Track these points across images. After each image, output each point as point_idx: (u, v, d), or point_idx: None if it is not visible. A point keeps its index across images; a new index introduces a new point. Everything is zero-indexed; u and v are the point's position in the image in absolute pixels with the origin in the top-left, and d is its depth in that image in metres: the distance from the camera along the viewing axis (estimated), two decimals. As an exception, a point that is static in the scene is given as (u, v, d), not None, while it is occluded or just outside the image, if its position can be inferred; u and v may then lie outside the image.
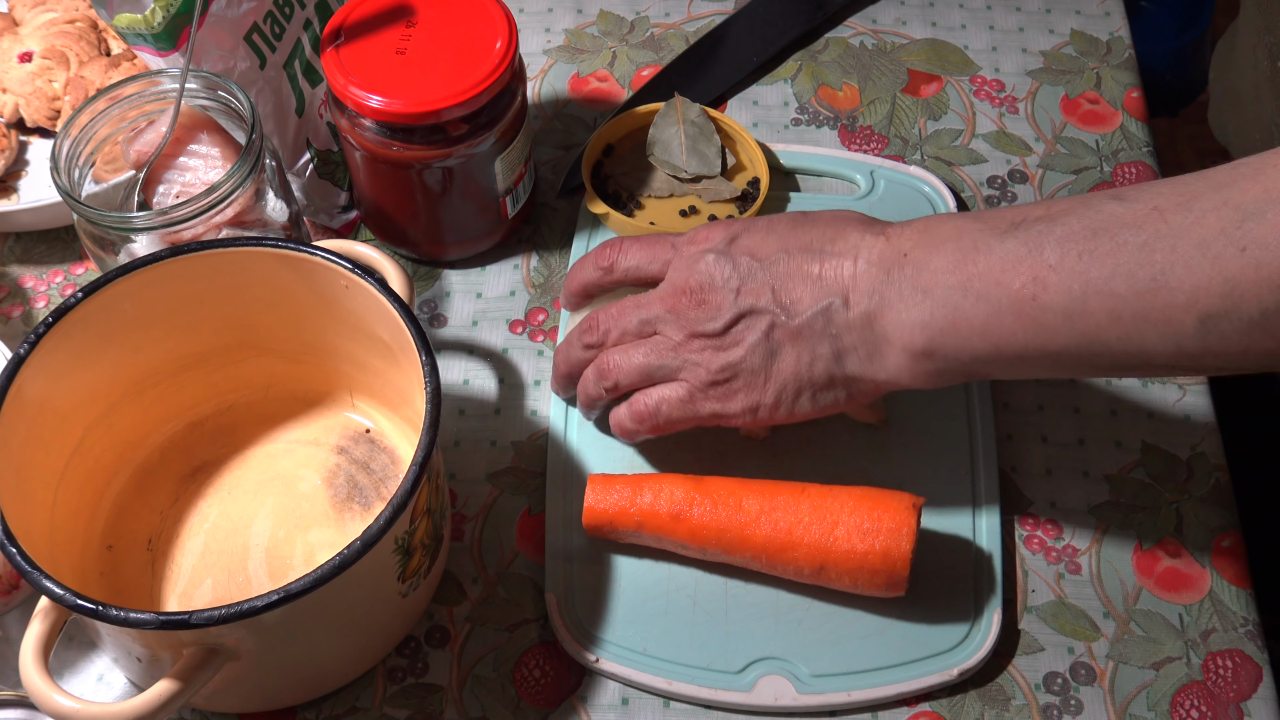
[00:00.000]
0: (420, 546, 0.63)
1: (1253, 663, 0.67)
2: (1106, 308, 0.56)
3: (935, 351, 0.61)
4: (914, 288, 0.61)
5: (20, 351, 0.62)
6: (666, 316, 0.66)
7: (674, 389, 0.67)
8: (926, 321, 0.60)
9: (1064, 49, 0.93)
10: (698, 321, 0.65)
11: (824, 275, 0.63)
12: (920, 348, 0.61)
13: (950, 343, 0.60)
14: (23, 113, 0.87)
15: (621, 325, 0.68)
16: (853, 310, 0.62)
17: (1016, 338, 0.59)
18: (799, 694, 0.66)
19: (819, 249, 0.64)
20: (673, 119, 0.84)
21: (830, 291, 0.63)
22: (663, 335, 0.67)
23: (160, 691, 0.56)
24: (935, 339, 0.60)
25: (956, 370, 0.62)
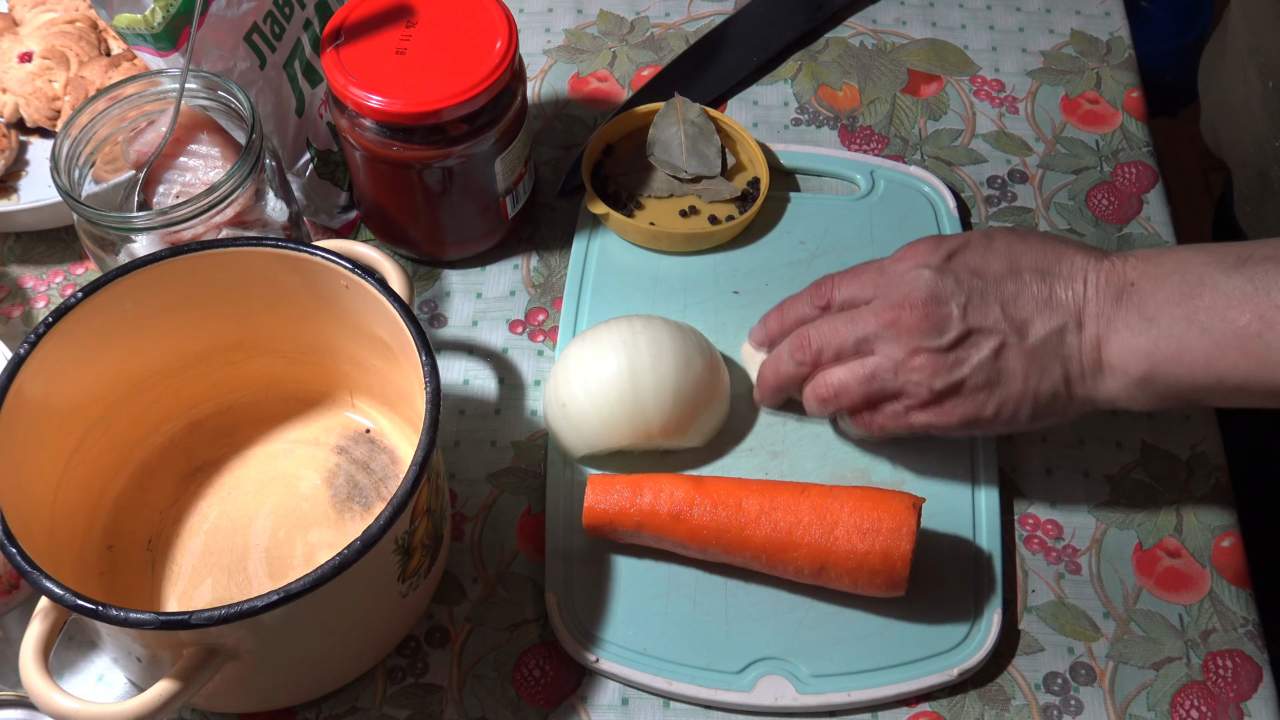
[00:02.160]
0: (420, 546, 0.63)
1: (1253, 663, 0.67)
2: None
3: (1156, 379, 0.62)
4: (1140, 316, 0.62)
5: (20, 351, 0.62)
6: (885, 333, 0.66)
7: (892, 406, 0.67)
8: (1150, 350, 0.62)
9: (1064, 49, 0.93)
10: (922, 337, 0.65)
11: (1054, 297, 0.64)
12: (1141, 374, 0.63)
13: (1172, 371, 0.62)
14: (23, 113, 0.87)
15: (836, 344, 0.68)
16: (1085, 333, 0.64)
17: (1239, 371, 0.60)
18: (799, 694, 0.66)
19: (1045, 270, 0.65)
20: (673, 119, 0.84)
21: (1063, 314, 0.64)
22: (881, 354, 0.66)
23: (160, 691, 0.56)
24: (1158, 367, 0.62)
25: (1174, 397, 0.63)
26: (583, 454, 0.72)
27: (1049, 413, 0.66)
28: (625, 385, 0.69)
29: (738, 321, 0.79)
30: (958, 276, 0.65)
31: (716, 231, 0.80)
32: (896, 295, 0.66)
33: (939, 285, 0.65)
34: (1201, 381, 0.62)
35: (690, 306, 0.79)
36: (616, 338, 0.71)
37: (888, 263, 0.68)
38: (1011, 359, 0.64)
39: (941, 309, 0.65)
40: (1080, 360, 0.64)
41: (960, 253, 0.66)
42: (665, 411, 0.70)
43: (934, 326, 0.65)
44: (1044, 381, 0.64)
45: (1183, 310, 0.61)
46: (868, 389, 0.67)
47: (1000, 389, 0.65)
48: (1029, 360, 0.64)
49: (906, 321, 0.65)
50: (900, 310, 0.66)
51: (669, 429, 0.70)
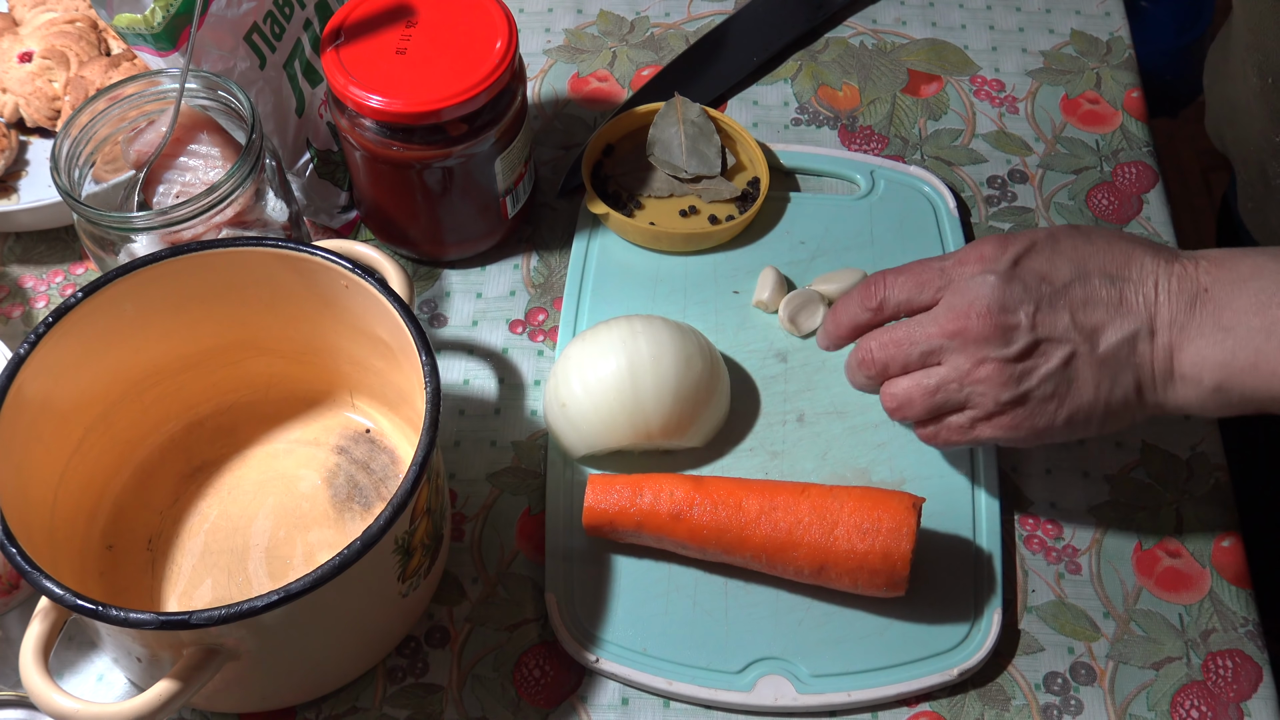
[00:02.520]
0: (420, 546, 0.63)
1: (1253, 663, 0.67)
2: None
3: (1231, 389, 0.61)
4: (1216, 325, 0.61)
5: (20, 351, 0.62)
6: (950, 345, 0.64)
7: (958, 419, 0.65)
8: (1227, 361, 0.61)
9: (1064, 49, 0.93)
10: (989, 347, 0.63)
11: (1125, 302, 0.62)
12: (1215, 384, 0.61)
13: (1249, 382, 0.61)
14: (23, 113, 0.87)
15: (902, 359, 0.66)
16: (1157, 341, 0.62)
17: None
18: (799, 694, 0.66)
19: (1114, 273, 0.63)
20: (673, 119, 0.84)
21: (1134, 320, 0.62)
22: (948, 365, 0.64)
23: (160, 691, 0.56)
24: (1233, 377, 0.61)
25: (1249, 405, 0.62)
26: (583, 454, 0.72)
27: (1118, 420, 0.64)
28: (625, 385, 0.69)
29: (737, 321, 0.79)
30: (1025, 282, 0.63)
31: (716, 231, 0.80)
32: (961, 303, 0.64)
33: (1006, 293, 0.63)
34: (1279, 392, 0.60)
35: (690, 306, 0.79)
36: (616, 338, 0.71)
37: (949, 265, 0.66)
38: (1082, 368, 0.62)
39: (1009, 318, 0.63)
40: (1152, 368, 0.62)
41: (1026, 256, 0.64)
42: (665, 411, 0.70)
43: (1002, 336, 0.63)
44: (1115, 390, 0.63)
45: (1261, 321, 0.60)
46: (932, 401, 0.65)
47: (1070, 399, 0.63)
48: (1100, 369, 0.62)
49: (973, 331, 0.63)
50: (966, 319, 0.63)
51: (669, 429, 0.70)
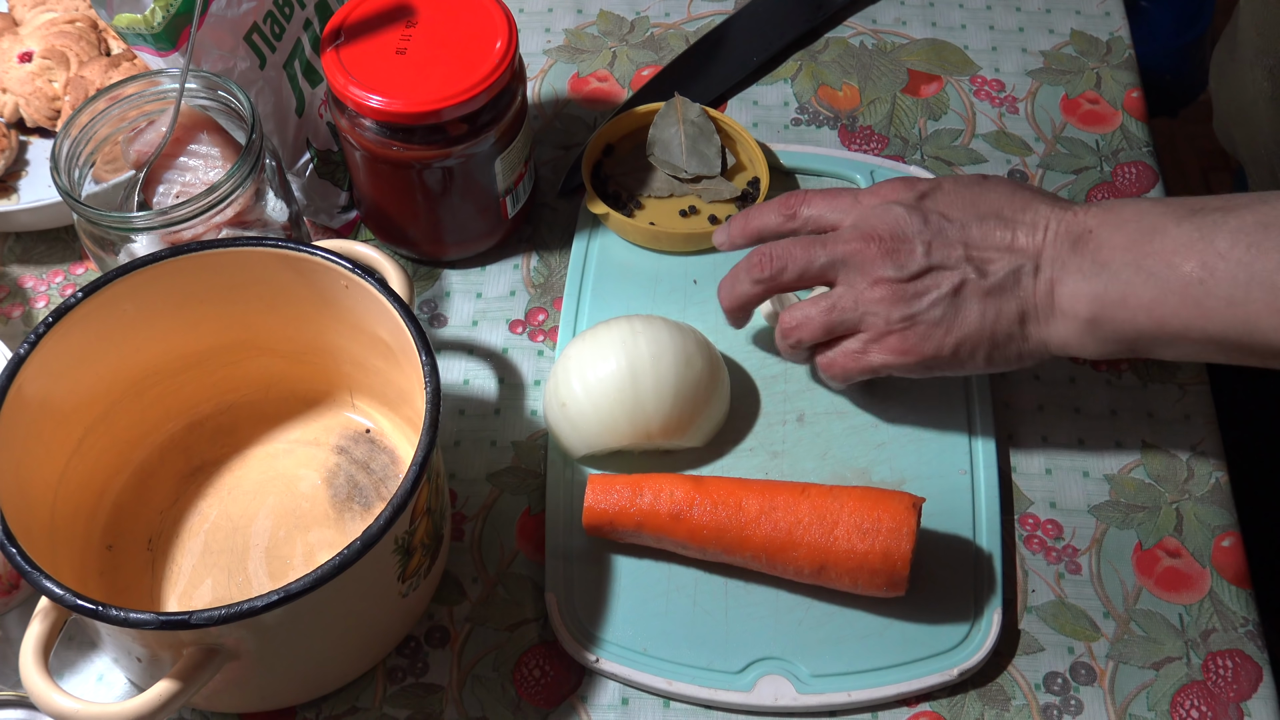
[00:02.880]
0: (420, 546, 0.63)
1: (1253, 663, 0.67)
2: (1267, 299, 0.60)
3: (1102, 322, 0.64)
4: (1094, 262, 0.64)
5: (20, 351, 0.62)
6: (849, 261, 0.68)
7: (850, 343, 0.69)
8: (1100, 294, 0.64)
9: (1064, 49, 0.93)
10: (884, 267, 0.67)
11: (1016, 242, 0.66)
12: (1088, 317, 0.64)
13: (1118, 315, 0.64)
14: (23, 113, 0.87)
15: (800, 264, 0.69)
16: (1040, 276, 0.66)
17: (1179, 318, 0.62)
18: (799, 694, 0.66)
19: (1010, 217, 0.67)
20: (673, 119, 0.84)
21: (1021, 257, 0.66)
22: (843, 283, 0.68)
23: (160, 691, 0.56)
24: (1104, 310, 0.64)
25: (1119, 342, 0.65)
26: (583, 454, 0.72)
27: (1004, 356, 0.67)
28: (625, 385, 0.69)
29: (738, 321, 0.79)
30: (926, 215, 0.67)
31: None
32: (866, 225, 0.68)
33: (907, 221, 0.67)
34: (1145, 327, 0.63)
35: (690, 306, 0.79)
36: (616, 338, 0.71)
37: (862, 194, 0.70)
38: (970, 297, 0.66)
39: (906, 244, 0.67)
40: (1035, 302, 0.66)
41: (931, 195, 0.68)
42: (665, 411, 0.70)
43: (897, 259, 0.66)
44: (1000, 321, 0.66)
45: (1132, 256, 0.63)
46: (828, 319, 0.68)
47: (958, 327, 0.66)
48: (986, 299, 0.66)
49: (871, 252, 0.67)
50: (867, 241, 0.67)
51: (669, 429, 0.70)
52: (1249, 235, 0.60)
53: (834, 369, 0.70)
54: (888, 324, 0.67)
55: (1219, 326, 0.61)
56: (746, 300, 0.71)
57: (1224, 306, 0.61)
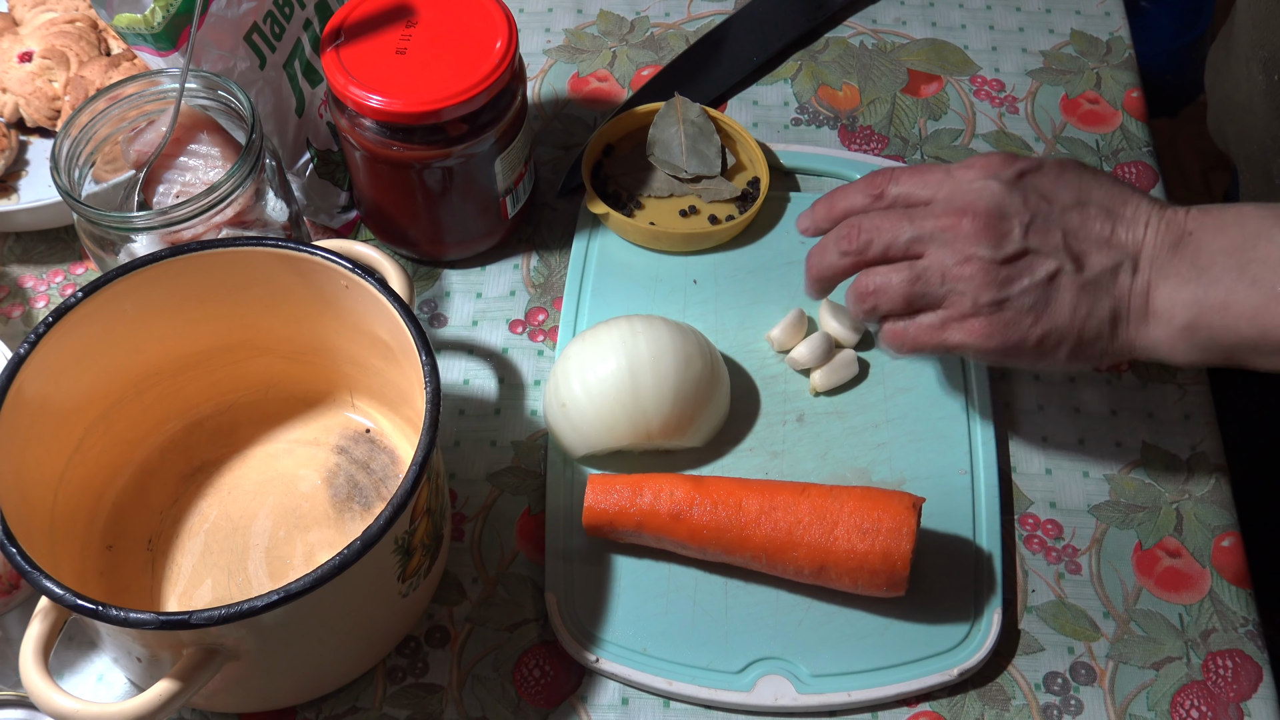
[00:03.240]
0: (420, 546, 0.63)
1: (1253, 663, 0.67)
2: None
3: (1200, 329, 0.62)
4: (1193, 265, 0.62)
5: (20, 351, 0.62)
6: (941, 236, 0.65)
7: (929, 317, 0.66)
8: (1199, 299, 0.61)
9: (1064, 49, 0.93)
10: (978, 246, 0.64)
11: (1115, 237, 0.64)
12: (1186, 322, 0.62)
13: (1217, 322, 0.61)
14: (23, 113, 0.87)
15: (887, 238, 0.66)
16: (1139, 276, 0.63)
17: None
18: (799, 694, 0.66)
19: (1110, 208, 0.64)
20: (673, 119, 0.84)
21: (1121, 254, 0.63)
22: (931, 257, 0.65)
23: (160, 691, 0.56)
24: (1203, 316, 0.61)
25: (1215, 350, 0.62)
26: (583, 454, 0.72)
27: (1087, 354, 0.64)
28: (625, 385, 0.69)
29: (738, 321, 0.79)
30: (1026, 195, 0.64)
31: (716, 231, 0.80)
32: (960, 200, 0.64)
33: (1006, 199, 0.64)
34: (1246, 336, 0.61)
35: (690, 306, 0.79)
36: (616, 338, 0.71)
37: (955, 168, 0.67)
38: (1065, 287, 0.63)
39: (1004, 223, 0.64)
40: (1129, 302, 0.63)
41: (1032, 174, 0.65)
42: (665, 411, 0.70)
43: (993, 238, 0.63)
44: (1091, 318, 0.63)
45: (1235, 262, 0.61)
46: (910, 290, 0.65)
47: (1047, 317, 0.63)
48: (1080, 293, 0.63)
49: (966, 228, 0.64)
50: (962, 216, 0.64)
51: (669, 429, 0.70)
52: None
53: (904, 340, 0.67)
54: (974, 305, 0.64)
55: None
56: (834, 272, 0.69)
57: None
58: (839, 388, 0.76)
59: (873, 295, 0.67)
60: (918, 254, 0.65)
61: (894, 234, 0.66)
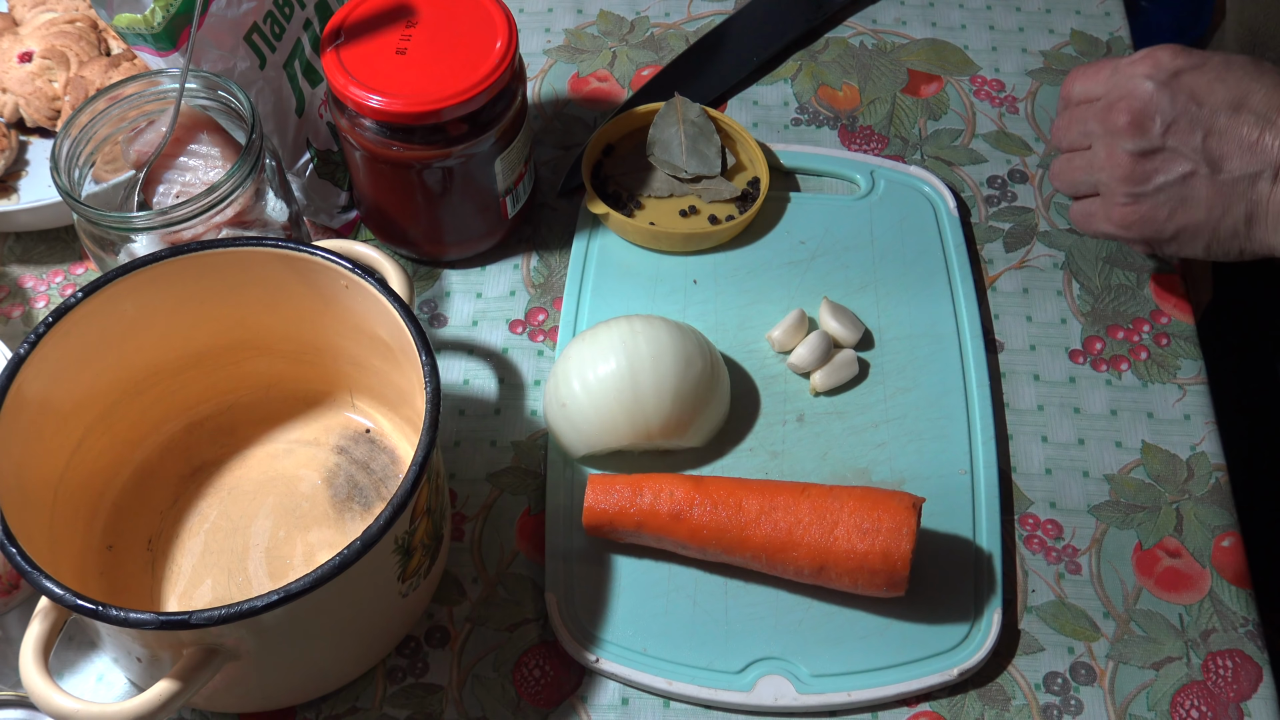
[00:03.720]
0: (420, 546, 0.63)
1: (1253, 663, 0.67)
2: None
3: None
4: None
5: (20, 351, 0.62)
6: (1098, 131, 0.70)
7: (1089, 204, 0.73)
8: None
9: (1064, 49, 0.93)
10: (1122, 140, 0.69)
11: (1261, 141, 0.65)
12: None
13: None
14: (23, 113, 0.87)
15: (1069, 136, 0.73)
16: (1278, 186, 0.65)
17: None
18: (799, 694, 0.66)
19: (1263, 114, 0.66)
20: (673, 119, 0.84)
21: (1263, 161, 0.65)
22: (1093, 150, 0.71)
23: (160, 691, 0.56)
24: None
25: None
26: (583, 454, 0.72)
27: (1224, 250, 0.68)
28: (625, 385, 0.69)
29: (738, 321, 0.79)
30: (1175, 94, 0.67)
31: (716, 231, 0.80)
32: (1115, 96, 0.69)
33: (1155, 98, 0.67)
34: None
35: (690, 306, 0.79)
36: (616, 338, 0.71)
37: (1123, 62, 0.71)
38: (1199, 188, 0.67)
39: (1148, 121, 0.67)
40: (1267, 208, 0.66)
41: (1191, 72, 0.68)
42: (665, 411, 0.70)
43: (1135, 134, 0.68)
44: (1226, 218, 0.67)
45: None
46: (1071, 178, 0.73)
47: (1181, 215, 0.68)
48: (1215, 194, 0.66)
49: (1113, 123, 0.69)
50: (1113, 112, 0.69)
51: (669, 429, 0.70)
52: None
53: (1075, 222, 0.74)
54: (1118, 195, 0.69)
55: None
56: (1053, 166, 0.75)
57: None
58: (839, 388, 0.76)
59: (1053, 179, 0.75)
60: (1086, 146, 0.72)
61: (1069, 134, 0.73)
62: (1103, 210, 0.71)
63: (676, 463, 0.73)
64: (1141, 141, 0.68)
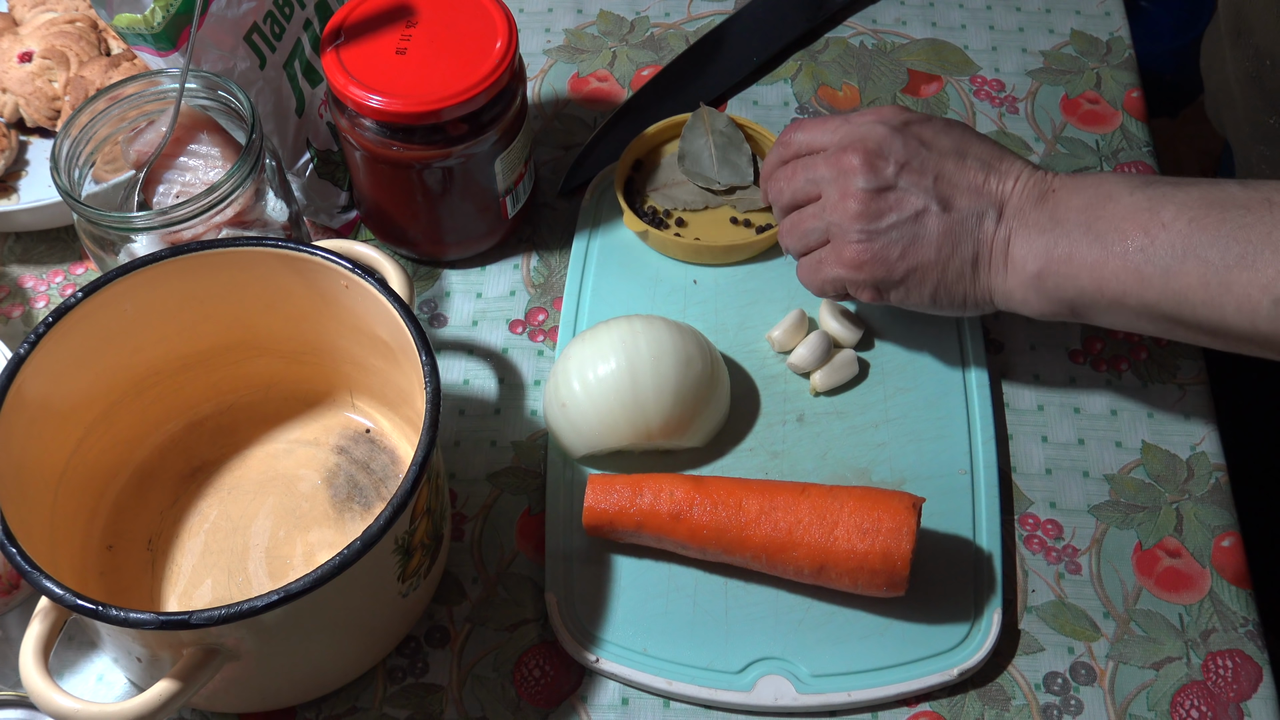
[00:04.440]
0: (420, 546, 0.63)
1: (1253, 663, 0.67)
2: (1198, 272, 0.62)
3: (1047, 278, 0.66)
4: (1050, 218, 0.67)
5: (20, 351, 0.62)
6: (829, 176, 0.70)
7: (812, 255, 0.72)
8: (1049, 249, 0.66)
9: (1064, 49, 0.93)
10: (856, 180, 0.69)
11: (986, 187, 0.68)
12: (1035, 271, 0.66)
13: (1062, 271, 0.66)
14: (23, 113, 0.87)
15: (792, 187, 0.73)
16: (1002, 224, 0.68)
17: (1119, 282, 0.64)
18: (799, 694, 0.66)
19: (987, 162, 0.69)
20: (701, 130, 0.83)
21: (987, 202, 0.68)
22: (824, 196, 0.71)
23: (160, 691, 0.56)
24: (1050, 266, 0.66)
25: (1060, 301, 0.67)
26: (583, 454, 0.72)
27: (950, 296, 0.69)
28: (625, 385, 0.69)
29: (738, 321, 0.79)
30: (906, 140, 0.69)
31: (758, 241, 0.80)
32: (848, 140, 0.70)
33: (888, 141, 0.69)
34: (1086, 288, 0.65)
35: (690, 306, 0.79)
36: (616, 338, 0.71)
37: (852, 115, 0.73)
38: (931, 224, 0.68)
39: (881, 161, 0.69)
40: (991, 249, 0.68)
41: (918, 124, 0.70)
42: (665, 411, 0.70)
43: (868, 172, 0.68)
44: (954, 258, 0.68)
45: (1085, 218, 0.65)
46: (801, 226, 0.72)
47: (912, 254, 0.68)
48: (944, 233, 0.68)
49: (848, 164, 0.69)
50: (846, 154, 0.69)
51: (669, 429, 0.70)
52: (1193, 210, 0.62)
53: (802, 280, 0.73)
54: (849, 236, 0.69)
55: (1154, 296, 0.63)
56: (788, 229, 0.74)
57: (1160, 276, 0.63)
58: (839, 388, 0.76)
59: (784, 237, 0.74)
60: (816, 195, 0.72)
61: (795, 182, 0.72)
62: (833, 254, 0.70)
63: (676, 463, 0.73)
64: (875, 179, 0.68)
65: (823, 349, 0.75)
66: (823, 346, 0.75)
